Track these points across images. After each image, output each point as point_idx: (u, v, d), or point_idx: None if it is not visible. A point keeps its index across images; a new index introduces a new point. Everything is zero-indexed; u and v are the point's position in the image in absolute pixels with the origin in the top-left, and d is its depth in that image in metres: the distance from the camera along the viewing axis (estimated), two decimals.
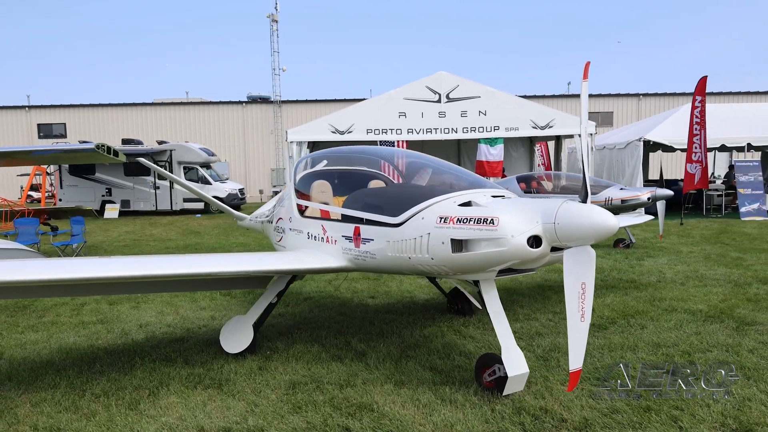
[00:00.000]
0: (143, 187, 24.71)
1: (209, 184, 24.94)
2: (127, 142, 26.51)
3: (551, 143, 21.96)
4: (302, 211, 5.81)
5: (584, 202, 3.91)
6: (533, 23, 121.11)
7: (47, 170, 26.05)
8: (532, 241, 3.89)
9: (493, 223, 3.96)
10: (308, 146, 17.34)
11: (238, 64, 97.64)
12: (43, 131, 36.93)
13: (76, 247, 12.21)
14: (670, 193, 11.79)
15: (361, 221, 4.93)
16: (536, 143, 22.50)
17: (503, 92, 17.69)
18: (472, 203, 4.29)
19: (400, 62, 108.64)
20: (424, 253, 4.33)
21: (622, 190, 11.61)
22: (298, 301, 7.69)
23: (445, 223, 4.21)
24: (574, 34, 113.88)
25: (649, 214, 11.13)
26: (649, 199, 11.32)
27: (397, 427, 3.84)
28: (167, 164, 24.40)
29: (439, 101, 16.99)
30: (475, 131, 17.10)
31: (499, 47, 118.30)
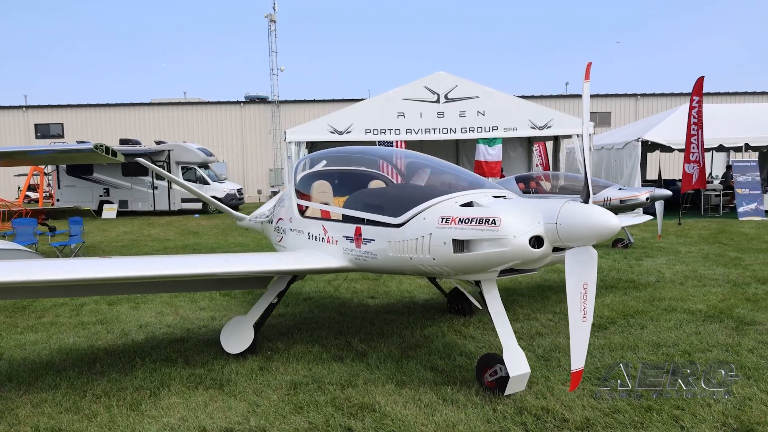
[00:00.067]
0: (141, 187, 24.69)
1: (207, 184, 24.92)
2: (124, 142, 26.44)
3: (549, 143, 22.00)
4: (303, 211, 5.80)
5: (586, 202, 3.92)
6: (531, 23, 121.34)
7: (45, 170, 26.03)
8: (534, 241, 3.89)
9: (495, 223, 3.96)
10: (307, 146, 17.33)
11: (236, 64, 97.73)
12: (40, 131, 36.85)
13: (74, 247, 12.18)
14: (668, 193, 11.80)
15: (362, 221, 4.93)
16: (534, 143, 22.54)
17: (501, 92, 17.69)
18: (473, 203, 4.29)
19: (398, 62, 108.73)
20: (425, 253, 4.33)
21: (620, 190, 11.62)
22: (298, 301, 7.69)
23: (446, 223, 4.21)
24: (572, 34, 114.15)
25: (647, 214, 11.13)
26: (647, 199, 11.33)
27: (399, 427, 3.84)
28: (165, 164, 24.38)
29: (437, 101, 16.98)
30: (473, 131, 17.09)
31: (497, 47, 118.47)
